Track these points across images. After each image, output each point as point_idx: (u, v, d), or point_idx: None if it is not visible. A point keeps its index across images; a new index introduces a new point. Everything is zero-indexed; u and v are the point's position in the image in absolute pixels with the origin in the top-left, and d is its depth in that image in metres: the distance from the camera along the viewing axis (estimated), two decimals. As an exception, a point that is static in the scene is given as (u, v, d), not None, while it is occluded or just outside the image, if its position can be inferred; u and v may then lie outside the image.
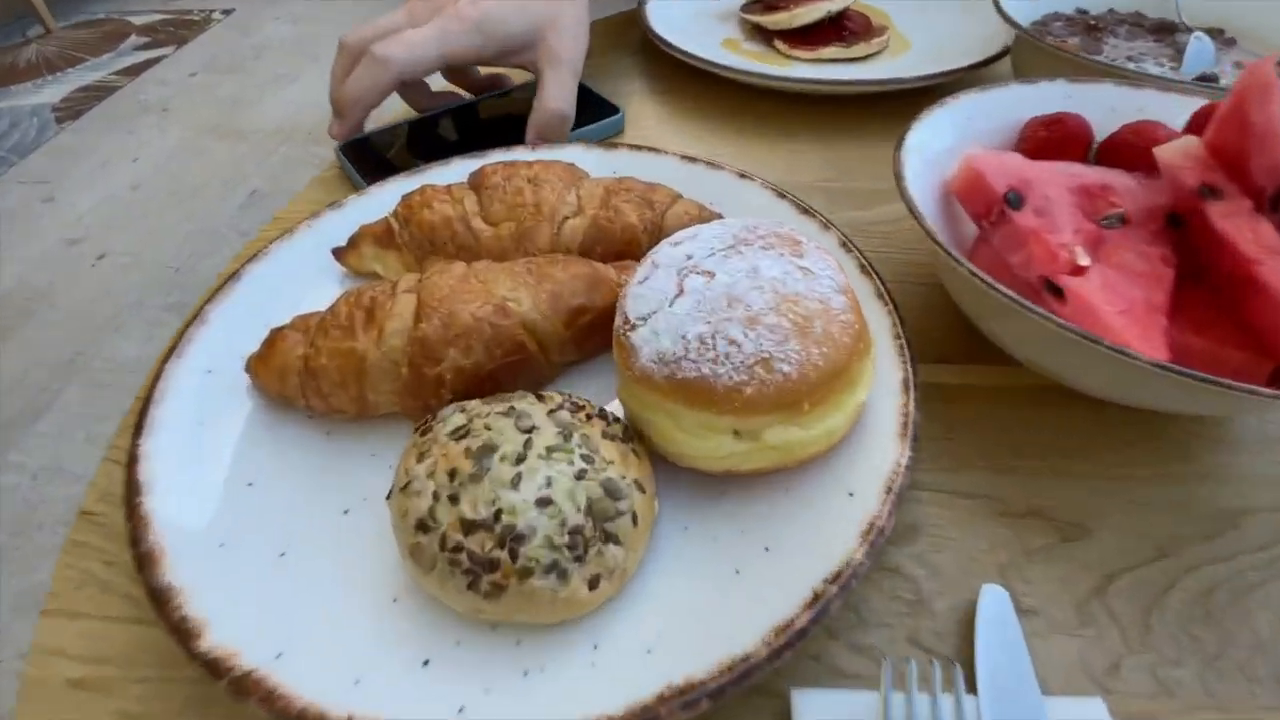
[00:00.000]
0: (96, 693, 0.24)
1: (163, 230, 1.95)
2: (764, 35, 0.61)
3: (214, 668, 0.20)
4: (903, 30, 0.63)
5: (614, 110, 0.51)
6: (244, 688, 0.20)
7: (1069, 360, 0.30)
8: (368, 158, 0.47)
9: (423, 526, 0.22)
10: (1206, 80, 0.48)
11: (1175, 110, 0.38)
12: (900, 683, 0.22)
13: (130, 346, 1.64)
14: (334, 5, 3.08)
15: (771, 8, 0.59)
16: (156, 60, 2.75)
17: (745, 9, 0.62)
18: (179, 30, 2.98)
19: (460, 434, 0.24)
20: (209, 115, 2.40)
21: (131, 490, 0.25)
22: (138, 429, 0.27)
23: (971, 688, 0.23)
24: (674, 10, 0.63)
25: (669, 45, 0.56)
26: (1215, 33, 0.55)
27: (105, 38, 2.96)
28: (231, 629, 0.22)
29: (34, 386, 1.58)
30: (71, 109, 2.51)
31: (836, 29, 0.58)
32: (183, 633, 0.21)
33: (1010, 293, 0.27)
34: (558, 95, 0.45)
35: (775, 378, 0.23)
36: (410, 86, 0.51)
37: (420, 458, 0.24)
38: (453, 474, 0.22)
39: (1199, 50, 0.51)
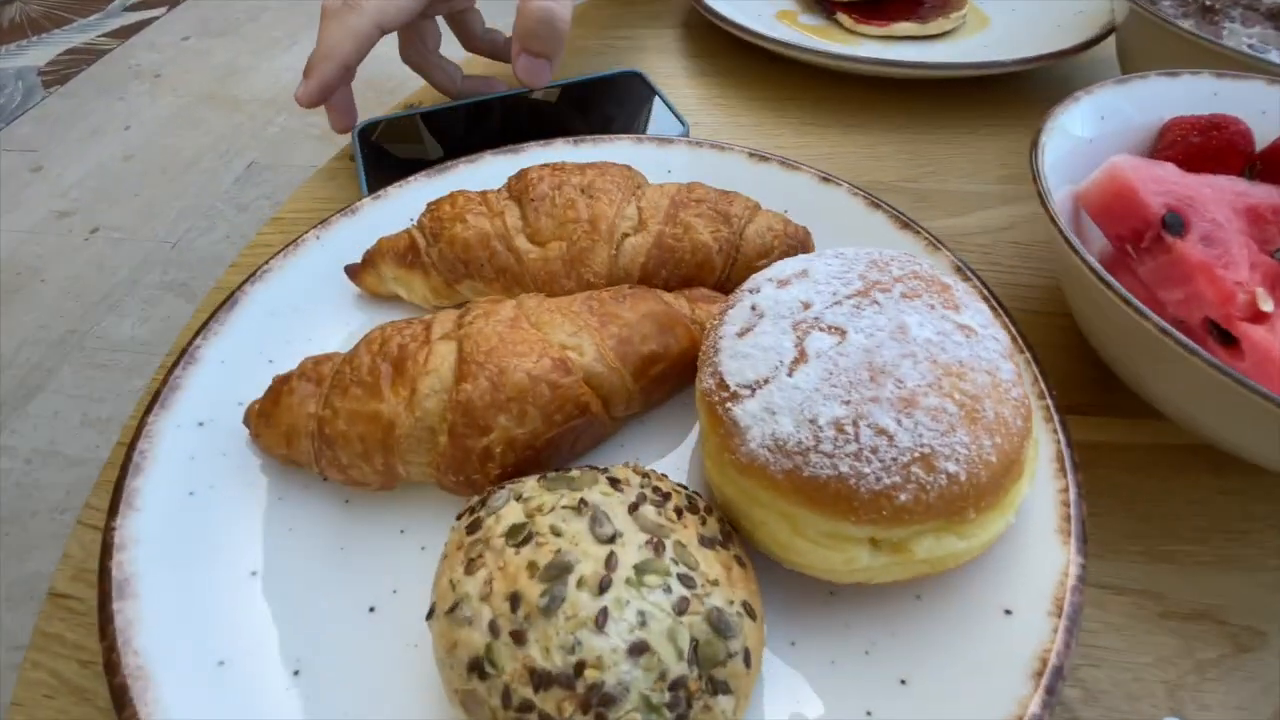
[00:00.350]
0: (64, 847, 0.19)
1: (157, 203, 1.88)
2: (825, 6, 0.54)
3: None
4: (980, 3, 0.56)
5: (681, 125, 0.42)
6: None
7: (1238, 421, 0.24)
8: (382, 150, 0.40)
9: (478, 670, 0.17)
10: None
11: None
12: None
13: (126, 325, 1.59)
14: (332, -35, 2.95)
15: None
16: (147, 23, 2.64)
17: None
18: (171, -11, 2.85)
19: (521, 539, 0.18)
20: (202, 82, 2.31)
21: (105, 594, 0.20)
22: (113, 508, 0.22)
23: None
24: None
25: (718, 17, 0.49)
26: (1342, 16, 0.48)
27: (93, -4, 2.84)
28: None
29: (26, 365, 1.53)
30: (58, 73, 2.42)
31: (909, 2, 0.52)
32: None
33: (1176, 333, 0.22)
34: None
35: (939, 480, 0.17)
36: (438, 67, 0.44)
37: (470, 567, 0.18)
38: (514, 599, 0.17)
39: (1328, 34, 0.45)
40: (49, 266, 1.73)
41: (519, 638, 0.17)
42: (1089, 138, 0.32)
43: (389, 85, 2.42)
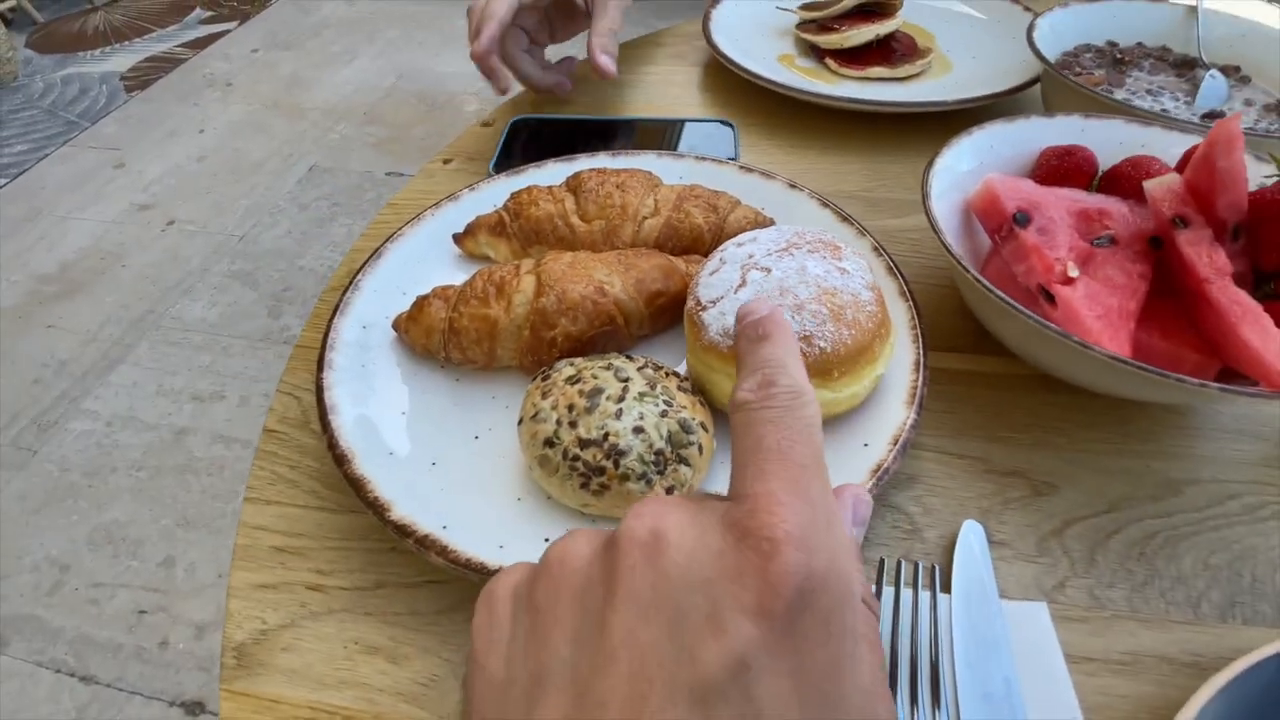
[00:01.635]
0: (295, 555, 0.33)
1: (226, 200, 2.06)
2: (817, 52, 0.67)
3: (403, 531, 0.29)
4: (946, 51, 0.69)
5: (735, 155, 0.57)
6: (426, 544, 0.28)
7: (1053, 353, 0.37)
8: (512, 143, 0.56)
9: (549, 443, 0.30)
10: (1212, 117, 0.54)
11: (1175, 146, 0.44)
12: (891, 579, 0.30)
13: (197, 308, 1.76)
14: (390, -13, 3.16)
15: (826, 29, 0.65)
16: (220, 35, 2.87)
17: (801, 27, 0.69)
18: (241, 5, 3.09)
19: (574, 380, 0.32)
20: (270, 91, 2.51)
21: (324, 410, 0.34)
22: (320, 364, 0.36)
23: (946, 590, 0.30)
24: (734, 24, 0.70)
25: (729, 60, 0.63)
26: (1232, 70, 0.60)
27: (170, 9, 3.09)
28: (407, 508, 0.30)
29: (108, 340, 1.70)
30: (139, 79, 2.63)
31: (884, 50, 0.65)
32: (378, 508, 0.30)
33: (1006, 297, 0.34)
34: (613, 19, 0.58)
35: (814, 351, 0.30)
36: (527, 60, 0.59)
37: (544, 395, 0.32)
38: (570, 408, 0.30)
39: (1211, 87, 0.57)
40: (129, 254, 1.91)
41: (572, 425, 0.30)
42: (980, 161, 0.45)
43: (440, 99, 2.59)
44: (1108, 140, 0.46)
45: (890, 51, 0.65)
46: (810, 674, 0.15)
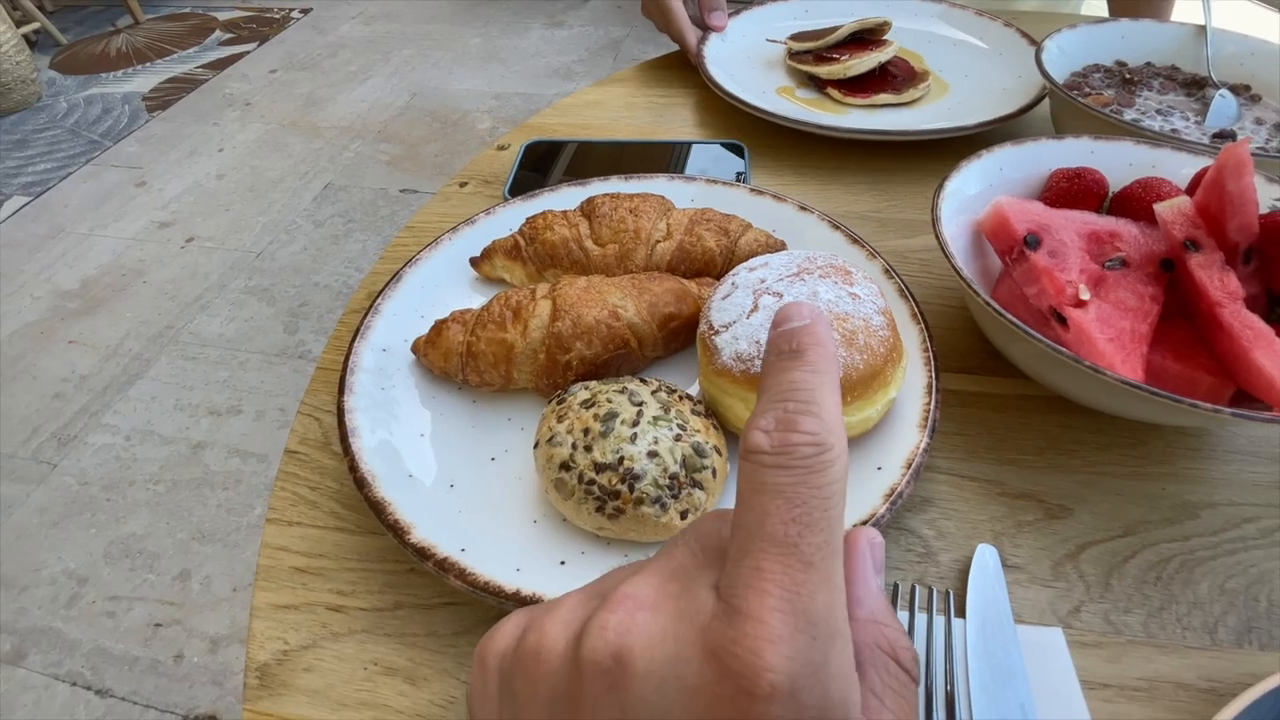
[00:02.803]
0: (315, 576, 0.34)
1: (244, 218, 2.10)
2: (817, 83, 0.67)
3: (423, 554, 0.29)
4: (938, 72, 0.69)
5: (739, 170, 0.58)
6: (445, 567, 0.29)
7: (1065, 377, 0.37)
8: (525, 165, 0.58)
9: (565, 467, 0.31)
10: (1223, 137, 0.54)
11: (1185, 167, 0.44)
12: (906, 604, 0.30)
13: (215, 324, 1.79)
14: (405, 6, 3.23)
15: (822, 59, 0.66)
16: (239, 56, 2.93)
17: (794, 58, 0.68)
18: (260, 27, 3.16)
19: (589, 405, 0.32)
20: (287, 111, 2.56)
21: (345, 434, 0.34)
22: (341, 388, 0.36)
23: (961, 614, 0.30)
24: (727, 58, 0.70)
25: (735, 99, 0.62)
26: (1242, 89, 0.60)
27: (191, 31, 3.16)
28: (426, 531, 0.31)
29: (128, 355, 1.73)
30: (161, 99, 2.69)
31: (884, 77, 0.65)
32: (398, 531, 0.30)
33: (1017, 321, 0.35)
34: None
35: (827, 375, 0.31)
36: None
37: (560, 419, 0.32)
38: (586, 432, 0.31)
39: (1222, 106, 0.57)
40: (150, 270, 1.95)
41: (588, 449, 0.30)
42: (989, 183, 0.45)
43: (453, 117, 2.63)
44: (1118, 162, 0.46)
45: (891, 77, 0.66)
46: None
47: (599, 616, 0.16)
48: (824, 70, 0.64)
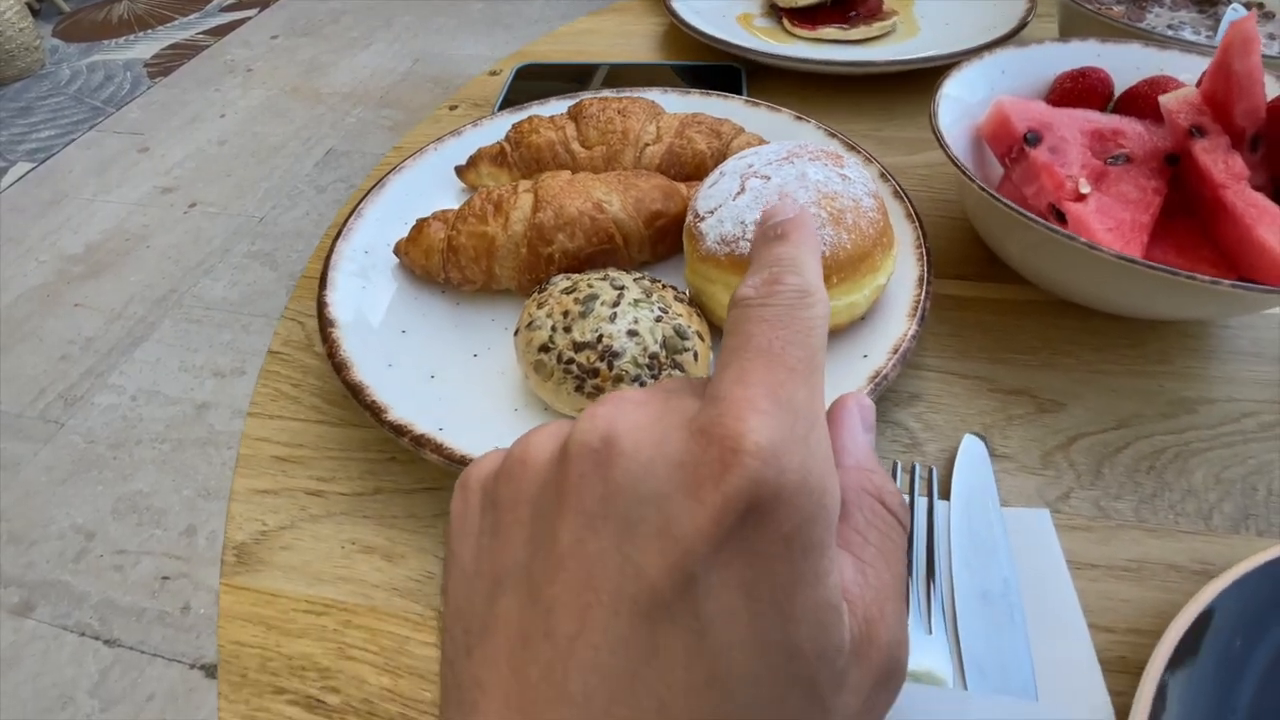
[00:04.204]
0: (295, 464, 0.33)
1: (247, 183, 2.09)
2: (776, 12, 0.65)
3: (399, 430, 0.29)
4: (919, 17, 0.66)
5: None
6: (421, 443, 0.29)
7: (1061, 266, 0.36)
8: (520, 85, 0.56)
9: (544, 348, 0.30)
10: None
11: (1194, 69, 0.43)
12: (893, 482, 0.29)
13: (218, 288, 1.79)
14: (406, -27, 3.17)
15: None
16: (241, 22, 2.90)
17: None
18: (261, -6, 3.11)
19: (569, 290, 0.32)
20: (288, 77, 2.54)
21: (324, 322, 0.34)
22: (322, 283, 0.36)
23: (945, 497, 0.30)
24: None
25: (684, 24, 0.61)
26: (1255, 5, 0.58)
27: None
28: (405, 412, 0.30)
29: (133, 318, 1.74)
30: (162, 65, 2.68)
31: (841, 11, 0.62)
32: (375, 410, 0.30)
33: (1010, 203, 0.33)
34: None
35: (812, 252, 0.30)
36: None
37: (540, 306, 0.32)
38: (565, 314, 0.30)
39: (1232, 19, 0.55)
40: (153, 235, 1.95)
41: (567, 330, 0.30)
42: (991, 89, 0.43)
43: (455, 83, 2.60)
44: (1125, 64, 0.44)
45: (845, 13, 0.63)
46: (764, 590, 0.14)
47: (588, 410, 0.17)
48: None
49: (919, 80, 0.58)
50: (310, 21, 2.87)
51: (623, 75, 0.58)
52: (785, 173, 0.32)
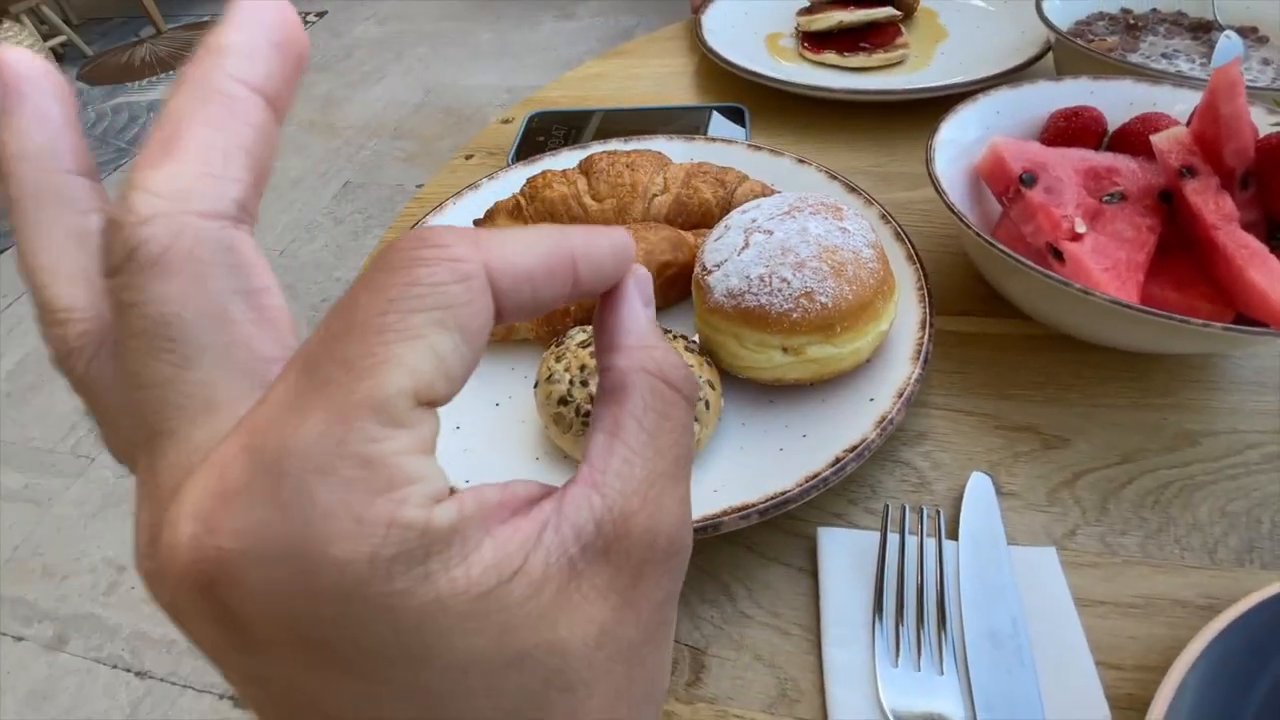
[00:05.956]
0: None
1: (267, 217, 2.14)
2: (799, 33, 0.68)
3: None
4: (941, 54, 0.68)
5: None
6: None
7: (1061, 307, 0.37)
8: (530, 134, 0.59)
9: (563, 401, 0.32)
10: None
11: (1188, 102, 0.44)
12: (897, 526, 0.30)
13: (240, 320, 1.83)
14: (418, 5, 3.26)
15: (811, 10, 0.66)
16: (258, 61, 2.98)
17: (800, 11, 0.69)
18: (277, 33, 3.21)
19: (586, 344, 0.33)
20: (306, 111, 2.60)
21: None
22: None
23: (953, 538, 0.31)
24: (727, 15, 0.71)
25: (712, 52, 0.64)
26: (1249, 31, 0.59)
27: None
28: (433, 467, 0.32)
29: (159, 353, 1.78)
30: (184, 107, 2.75)
31: (854, 39, 0.64)
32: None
33: (1007, 250, 0.35)
34: None
35: (815, 306, 0.31)
36: None
37: (558, 359, 0.33)
38: (582, 368, 0.32)
39: (1226, 48, 0.56)
40: (177, 271, 2.00)
41: (584, 384, 0.31)
42: (986, 129, 0.45)
43: (467, 112, 2.65)
44: (1117, 101, 0.45)
45: (857, 41, 0.65)
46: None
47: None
48: (802, 20, 0.65)
49: (922, 113, 0.59)
50: (324, 57, 2.95)
51: (630, 119, 0.60)
52: (787, 227, 0.33)
